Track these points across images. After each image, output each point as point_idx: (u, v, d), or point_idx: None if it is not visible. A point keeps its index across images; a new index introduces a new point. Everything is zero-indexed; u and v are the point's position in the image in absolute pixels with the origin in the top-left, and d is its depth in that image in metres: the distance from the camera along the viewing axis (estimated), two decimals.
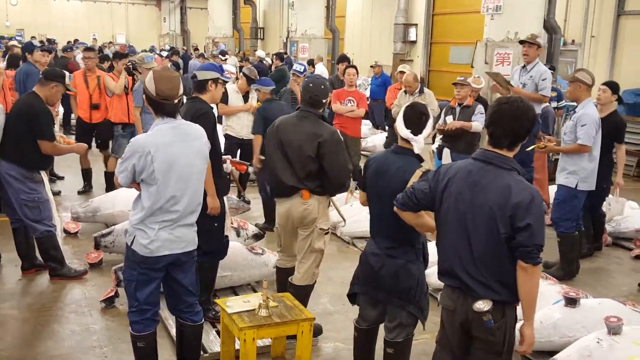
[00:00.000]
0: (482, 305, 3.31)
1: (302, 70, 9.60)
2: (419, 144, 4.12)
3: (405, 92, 9.37)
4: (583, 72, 6.70)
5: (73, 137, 9.41)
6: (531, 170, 7.57)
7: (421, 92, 9.27)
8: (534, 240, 3.23)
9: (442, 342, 3.69)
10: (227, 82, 5.50)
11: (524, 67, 8.35)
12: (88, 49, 10.20)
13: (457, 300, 3.47)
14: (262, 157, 7.62)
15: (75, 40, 24.93)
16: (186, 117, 4.41)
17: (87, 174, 9.66)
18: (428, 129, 4.17)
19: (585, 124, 6.36)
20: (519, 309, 3.44)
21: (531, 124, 3.38)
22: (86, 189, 9.61)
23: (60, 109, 12.27)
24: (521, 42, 8.33)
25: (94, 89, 9.23)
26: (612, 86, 7.28)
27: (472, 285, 3.37)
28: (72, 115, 11.34)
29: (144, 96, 4.12)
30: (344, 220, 5.75)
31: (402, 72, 10.40)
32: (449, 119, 8.28)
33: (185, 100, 5.18)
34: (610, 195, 7.31)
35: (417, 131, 4.11)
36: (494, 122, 3.39)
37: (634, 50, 13.61)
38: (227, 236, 5.27)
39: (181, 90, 4.07)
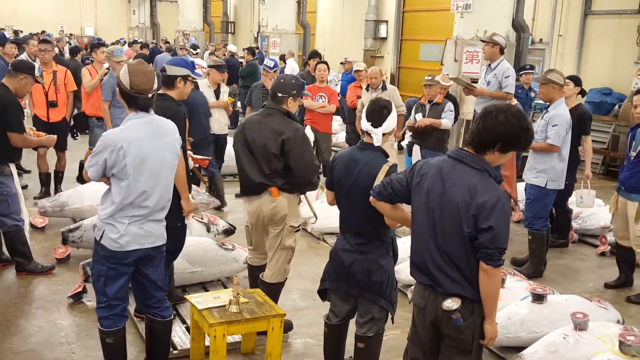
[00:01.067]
0: (451, 303, 3.33)
1: (272, 66, 9.57)
2: (378, 136, 4.15)
3: (368, 88, 9.40)
4: (554, 72, 6.77)
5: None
6: (499, 167, 7.64)
7: (384, 88, 9.30)
8: (496, 242, 3.23)
9: (414, 340, 3.70)
10: (196, 79, 5.46)
11: (489, 65, 8.47)
12: (44, 40, 9.36)
13: (428, 297, 3.48)
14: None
15: (42, 32, 24.56)
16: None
17: (46, 178, 8.88)
18: (389, 123, 4.17)
19: (556, 125, 6.45)
20: None
21: (497, 135, 3.29)
22: (43, 195, 8.65)
23: None
24: (482, 40, 8.51)
25: (49, 85, 8.63)
26: (575, 79, 7.44)
27: (441, 281, 3.38)
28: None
29: (117, 89, 4.08)
30: (316, 216, 5.75)
31: (359, 71, 10.42)
32: (419, 116, 8.34)
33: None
34: (582, 188, 7.45)
35: (376, 124, 4.14)
36: (476, 131, 3.36)
37: (600, 50, 13.82)
38: None
39: (155, 85, 4.07)
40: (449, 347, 3.51)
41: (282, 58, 17.36)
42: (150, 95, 4.00)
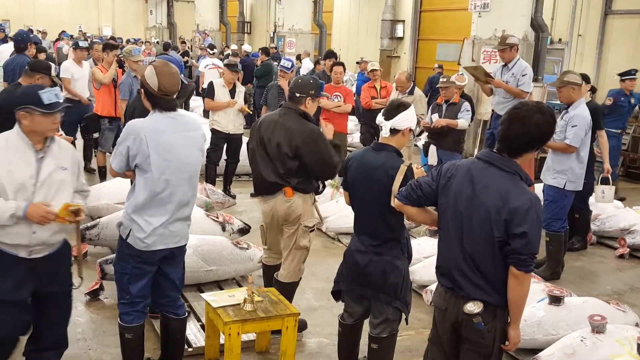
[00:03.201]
0: (473, 307, 3.28)
1: (289, 66, 9.57)
2: (386, 128, 4.09)
3: (397, 88, 9.46)
4: (570, 73, 6.69)
5: None
6: None
7: (411, 92, 9.28)
8: (530, 248, 3.18)
9: (434, 341, 3.65)
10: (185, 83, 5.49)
11: (505, 65, 8.40)
12: None
13: (449, 300, 3.44)
14: None
15: (62, 32, 24.73)
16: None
17: None
18: (401, 118, 4.08)
19: (576, 125, 6.37)
20: None
21: (537, 136, 3.27)
22: None
23: None
24: (497, 50, 8.42)
25: None
26: (585, 77, 7.39)
27: (463, 286, 3.34)
28: None
29: (142, 90, 4.07)
30: (322, 220, 5.70)
31: (374, 70, 10.33)
32: (435, 116, 8.29)
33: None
34: (603, 185, 7.42)
35: (388, 117, 4.10)
36: (501, 124, 3.33)
37: (621, 50, 13.67)
38: None
39: (179, 86, 4.10)
40: (469, 350, 3.45)
41: (298, 58, 17.36)
42: (174, 96, 4.04)
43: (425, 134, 8.62)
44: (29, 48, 9.93)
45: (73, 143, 6.56)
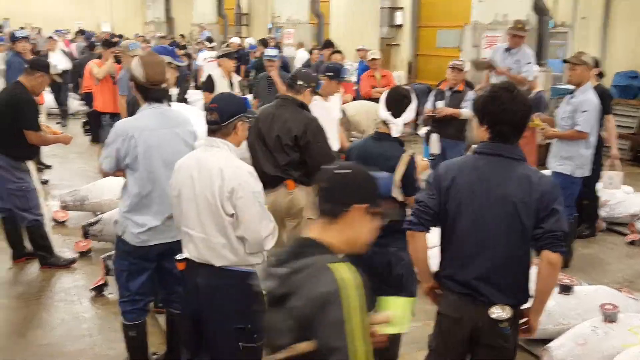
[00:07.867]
0: (501, 312, 3.06)
1: (274, 54, 9.47)
2: (398, 127, 4.04)
3: None
4: (585, 54, 6.59)
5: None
6: None
7: None
8: (562, 225, 3.01)
9: (439, 351, 3.39)
10: (180, 65, 5.47)
11: (507, 49, 8.28)
12: None
13: (465, 308, 3.17)
14: None
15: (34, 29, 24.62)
16: None
17: None
18: (409, 113, 4.06)
19: (586, 111, 6.24)
20: None
21: (530, 112, 3.21)
22: None
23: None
24: (512, 34, 8.25)
25: None
26: (594, 61, 7.28)
27: (486, 291, 3.10)
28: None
29: (131, 83, 4.05)
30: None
31: (374, 59, 10.19)
32: (439, 104, 8.14)
33: None
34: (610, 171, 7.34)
35: (397, 113, 4.03)
36: (500, 121, 3.10)
37: (626, 32, 13.43)
38: None
39: (168, 75, 4.09)
40: (489, 357, 3.22)
41: None
42: (163, 85, 4.01)
43: (422, 122, 8.51)
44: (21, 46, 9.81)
45: None
